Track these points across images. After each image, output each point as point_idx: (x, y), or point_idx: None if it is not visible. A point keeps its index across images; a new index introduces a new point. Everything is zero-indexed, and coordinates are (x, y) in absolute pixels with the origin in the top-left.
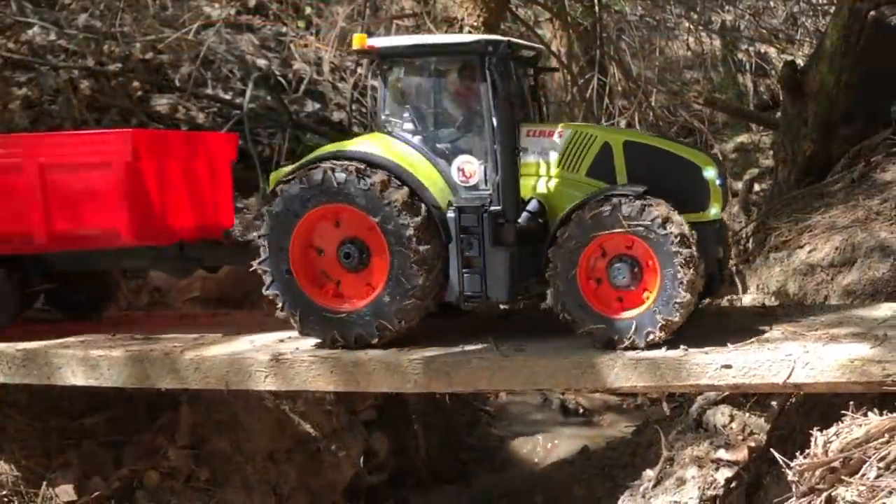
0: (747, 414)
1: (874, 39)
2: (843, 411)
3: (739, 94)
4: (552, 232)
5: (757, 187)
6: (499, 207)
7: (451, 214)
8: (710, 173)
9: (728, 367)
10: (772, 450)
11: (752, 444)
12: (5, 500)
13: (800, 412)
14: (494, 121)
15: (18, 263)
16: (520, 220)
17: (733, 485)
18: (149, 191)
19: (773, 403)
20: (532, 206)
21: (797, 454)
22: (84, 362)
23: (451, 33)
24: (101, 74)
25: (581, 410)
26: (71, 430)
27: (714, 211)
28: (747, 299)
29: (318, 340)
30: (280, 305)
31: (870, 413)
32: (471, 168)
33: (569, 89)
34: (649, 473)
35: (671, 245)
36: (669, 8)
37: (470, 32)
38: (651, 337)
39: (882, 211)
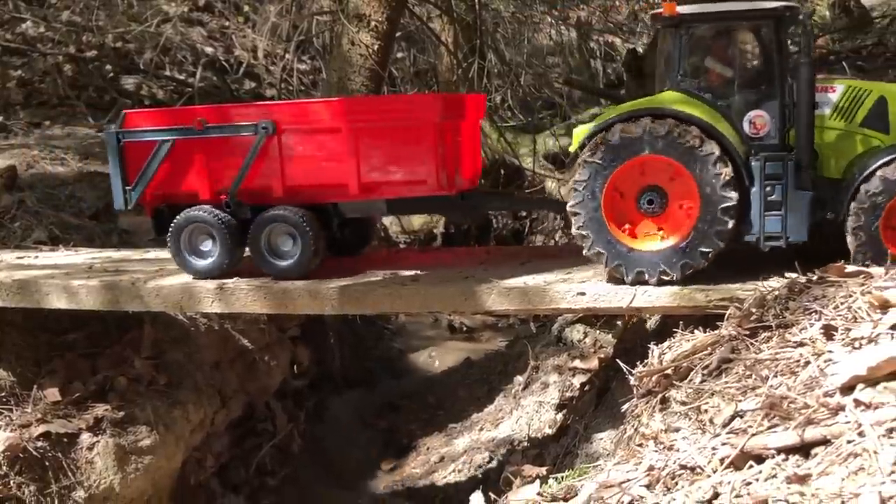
0: (598, 331)
1: None
2: (674, 329)
3: (592, 75)
4: (854, 186)
5: None
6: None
7: (755, 163)
8: None
9: (582, 294)
10: (617, 360)
11: (602, 356)
12: (3, 400)
13: (640, 330)
14: (791, 79)
15: (326, 211)
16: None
17: (587, 388)
18: (446, 146)
19: (619, 323)
20: None
21: (638, 363)
22: (67, 290)
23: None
24: (80, 59)
25: (465, 328)
26: (56, 344)
27: None
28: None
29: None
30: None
31: (696, 331)
32: (762, 121)
33: (455, 71)
34: (519, 379)
35: None
36: (535, 6)
37: (376, 27)
38: None
39: None
